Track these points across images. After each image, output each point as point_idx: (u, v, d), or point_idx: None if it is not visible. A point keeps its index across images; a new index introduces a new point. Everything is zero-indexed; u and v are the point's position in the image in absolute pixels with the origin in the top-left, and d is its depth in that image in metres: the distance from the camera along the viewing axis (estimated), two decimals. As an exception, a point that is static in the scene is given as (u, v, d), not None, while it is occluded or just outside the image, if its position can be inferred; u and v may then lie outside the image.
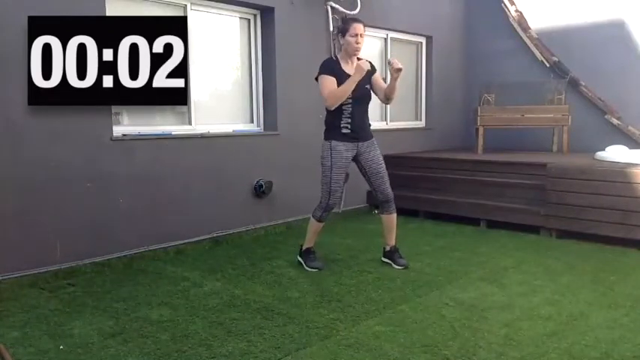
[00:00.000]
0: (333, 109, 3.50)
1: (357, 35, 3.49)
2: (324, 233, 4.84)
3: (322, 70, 3.55)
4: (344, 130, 3.57)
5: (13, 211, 3.43)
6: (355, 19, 3.65)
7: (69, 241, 3.64)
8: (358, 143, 3.62)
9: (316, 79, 3.58)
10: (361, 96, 3.55)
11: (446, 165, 5.76)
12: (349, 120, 3.55)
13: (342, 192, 3.75)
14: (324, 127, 3.67)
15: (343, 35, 3.55)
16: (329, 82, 3.48)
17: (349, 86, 3.42)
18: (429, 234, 4.89)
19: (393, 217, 3.82)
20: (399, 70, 3.36)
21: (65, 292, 3.33)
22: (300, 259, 3.84)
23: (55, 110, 3.53)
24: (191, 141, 4.36)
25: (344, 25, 3.61)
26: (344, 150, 3.58)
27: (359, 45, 3.52)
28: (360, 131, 3.61)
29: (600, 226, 4.36)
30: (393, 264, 3.79)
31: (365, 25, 3.57)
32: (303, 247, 3.83)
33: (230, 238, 4.58)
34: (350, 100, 3.50)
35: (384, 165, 3.72)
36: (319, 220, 3.76)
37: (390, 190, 3.74)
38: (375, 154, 3.68)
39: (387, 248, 3.87)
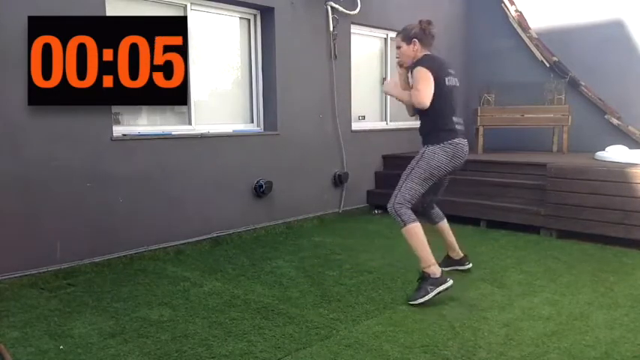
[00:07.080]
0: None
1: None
2: (324, 233, 4.89)
3: None
4: None
5: (13, 211, 3.42)
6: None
7: (69, 241, 3.64)
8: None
9: None
10: None
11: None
12: None
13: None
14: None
15: None
16: None
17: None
18: (428, 234, 4.76)
19: (403, 232, 3.28)
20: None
21: (65, 292, 3.33)
22: None
23: (55, 110, 3.53)
24: (191, 141, 4.36)
25: None
26: None
27: (397, 58, 3.45)
28: (422, 133, 3.38)
29: (600, 226, 4.36)
30: None
31: (399, 33, 3.46)
32: None
33: (230, 238, 4.58)
34: None
35: (406, 172, 3.27)
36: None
37: (392, 200, 3.22)
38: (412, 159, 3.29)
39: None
